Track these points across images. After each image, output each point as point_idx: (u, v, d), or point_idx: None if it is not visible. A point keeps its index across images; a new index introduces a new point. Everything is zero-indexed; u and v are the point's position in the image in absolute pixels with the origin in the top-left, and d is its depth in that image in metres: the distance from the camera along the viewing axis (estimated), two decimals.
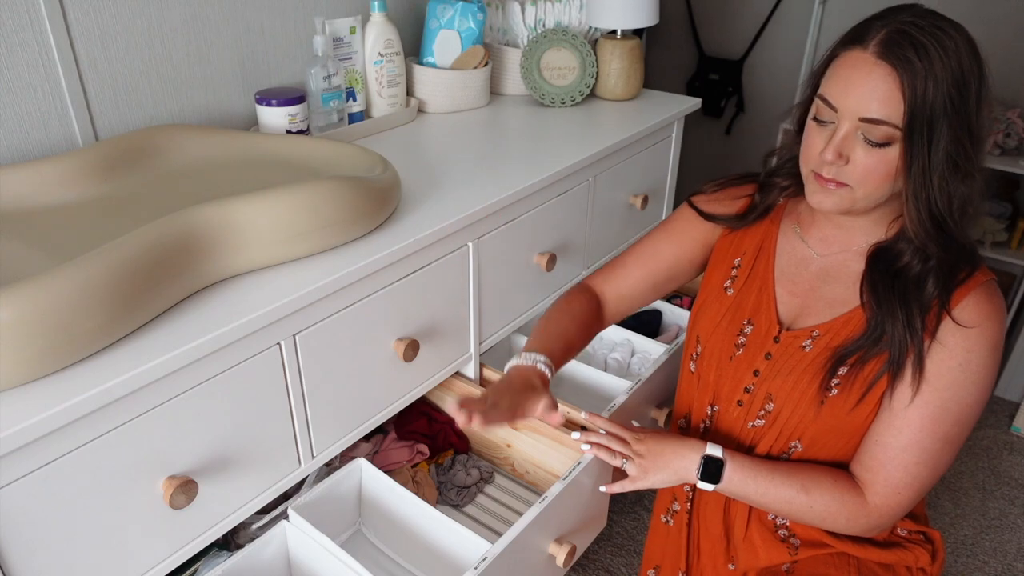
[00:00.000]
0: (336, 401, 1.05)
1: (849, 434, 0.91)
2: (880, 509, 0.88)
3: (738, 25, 3.10)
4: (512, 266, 1.33)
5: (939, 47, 0.76)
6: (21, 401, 0.72)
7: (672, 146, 1.75)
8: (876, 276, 0.88)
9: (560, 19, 1.72)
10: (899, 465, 0.86)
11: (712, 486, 0.92)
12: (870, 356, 0.87)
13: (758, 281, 0.99)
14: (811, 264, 0.96)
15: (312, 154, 1.15)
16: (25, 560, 0.76)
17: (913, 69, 0.76)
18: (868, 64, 0.79)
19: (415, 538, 1.13)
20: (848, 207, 0.86)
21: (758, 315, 0.97)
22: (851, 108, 0.80)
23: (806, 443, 0.94)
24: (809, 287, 0.95)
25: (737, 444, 1.00)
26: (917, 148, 0.78)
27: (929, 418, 0.84)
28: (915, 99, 0.76)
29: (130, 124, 1.24)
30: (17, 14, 1.06)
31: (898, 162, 0.80)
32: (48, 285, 0.72)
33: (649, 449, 0.94)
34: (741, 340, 0.98)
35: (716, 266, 1.05)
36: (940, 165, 0.78)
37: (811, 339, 0.92)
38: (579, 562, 1.77)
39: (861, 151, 0.81)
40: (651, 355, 1.55)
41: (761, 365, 0.95)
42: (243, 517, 0.98)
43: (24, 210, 0.97)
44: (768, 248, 1.00)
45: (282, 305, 0.89)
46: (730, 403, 0.99)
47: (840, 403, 0.89)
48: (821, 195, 0.86)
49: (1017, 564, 1.86)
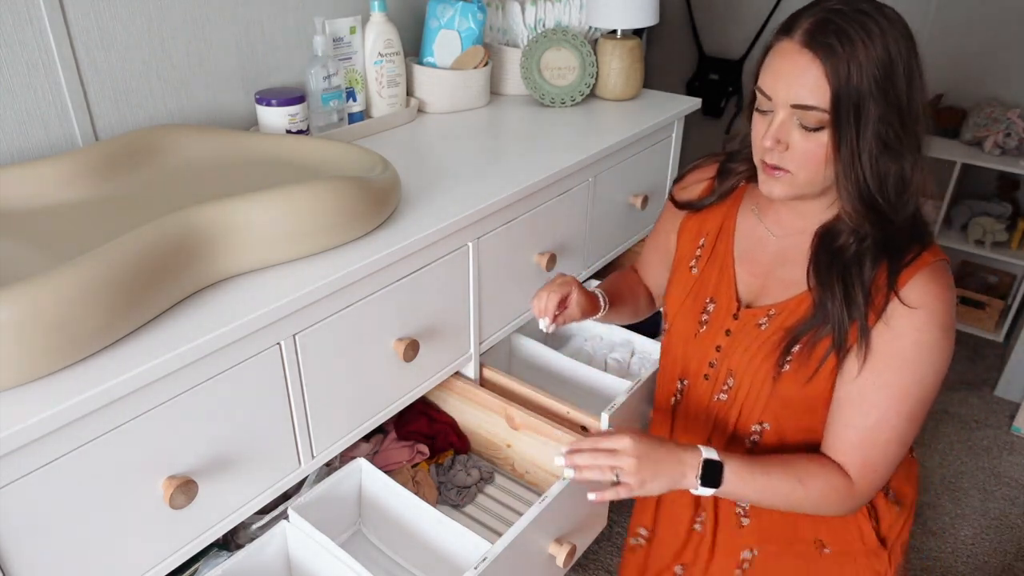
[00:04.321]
0: (336, 401, 1.05)
1: (810, 410, 0.94)
2: (860, 486, 0.91)
3: (738, 25, 3.10)
4: (512, 266, 1.33)
5: (862, 31, 0.79)
6: (21, 401, 0.72)
7: (672, 146, 1.75)
8: (819, 257, 0.91)
9: (560, 19, 1.72)
10: (871, 443, 0.89)
11: (711, 491, 0.89)
12: (821, 336, 0.89)
13: (719, 261, 1.03)
14: (768, 245, 0.99)
15: (312, 154, 1.15)
16: (25, 560, 0.76)
17: (835, 55, 0.79)
18: (794, 53, 0.82)
19: (415, 538, 1.13)
20: (796, 192, 0.89)
21: (719, 294, 1.01)
22: (783, 96, 0.84)
23: (772, 422, 0.97)
24: (767, 268, 0.98)
25: (706, 417, 1.03)
26: (844, 130, 0.81)
27: (895, 399, 0.87)
28: (839, 83, 0.79)
29: (130, 124, 1.24)
30: (17, 14, 1.06)
31: (829, 145, 0.83)
32: (48, 285, 0.72)
33: (642, 454, 0.89)
34: (704, 318, 1.02)
35: (683, 246, 1.09)
36: (868, 145, 0.81)
37: (767, 317, 0.95)
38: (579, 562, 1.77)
39: (798, 136, 0.84)
40: (651, 355, 1.55)
41: (722, 341, 0.99)
42: (243, 517, 0.98)
43: (24, 210, 0.97)
44: (728, 229, 1.03)
45: (282, 305, 0.89)
46: (698, 377, 1.03)
47: (792, 378, 0.92)
48: (769, 183, 0.90)
49: (1017, 564, 1.86)
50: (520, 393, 1.32)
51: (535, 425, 1.23)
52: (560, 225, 1.43)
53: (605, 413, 1.19)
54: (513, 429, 1.27)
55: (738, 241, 1.02)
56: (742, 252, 1.01)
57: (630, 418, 1.27)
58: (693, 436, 1.06)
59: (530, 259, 1.37)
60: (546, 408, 1.29)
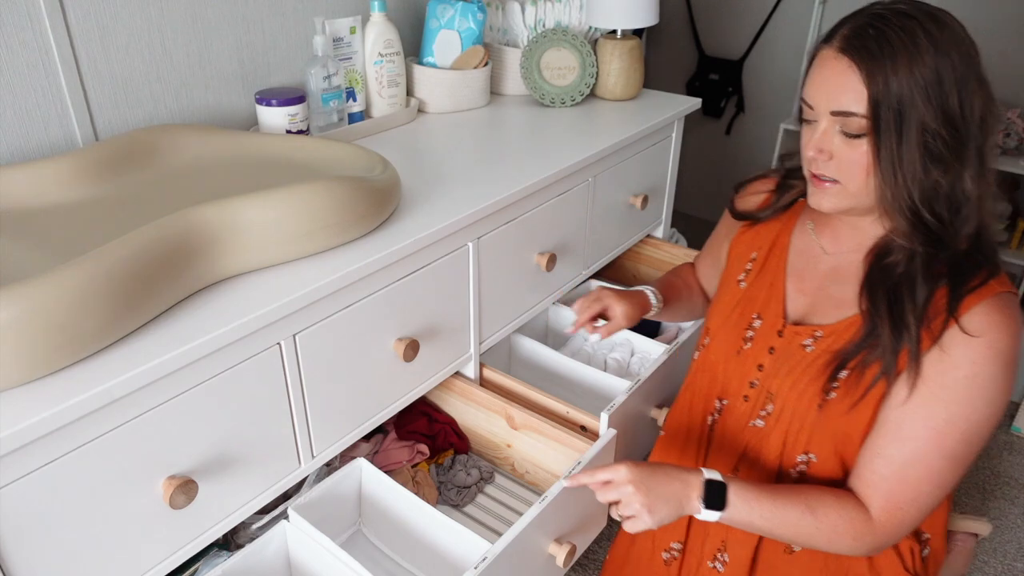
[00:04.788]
0: (336, 401, 1.05)
1: (859, 440, 0.88)
2: (884, 526, 0.84)
3: (738, 25, 3.10)
4: (512, 266, 1.33)
5: (904, 35, 0.76)
6: (21, 401, 0.72)
7: (672, 146, 1.75)
8: (871, 275, 0.87)
9: (560, 19, 1.72)
10: (902, 479, 0.82)
11: (717, 514, 0.85)
12: (870, 360, 0.84)
13: (769, 276, 0.99)
14: (821, 263, 0.95)
15: (312, 154, 1.15)
16: (25, 560, 0.76)
17: (873, 59, 0.77)
18: (832, 59, 0.81)
19: (415, 538, 1.13)
20: (846, 204, 0.85)
21: (767, 310, 0.97)
22: (823, 104, 0.82)
23: (819, 452, 0.91)
24: (818, 285, 0.94)
25: (736, 444, 0.99)
26: (884, 137, 0.78)
27: (935, 431, 0.80)
28: (876, 88, 0.77)
29: (130, 124, 1.24)
30: (17, 14, 1.06)
31: (870, 152, 0.80)
32: (48, 285, 0.71)
33: (638, 480, 0.85)
34: (749, 334, 0.97)
35: (734, 260, 1.05)
36: (911, 154, 0.78)
37: (813, 339, 0.91)
38: (579, 562, 1.77)
39: (841, 144, 0.82)
40: (651, 355, 1.55)
41: (765, 360, 0.95)
42: (243, 517, 0.98)
43: (24, 210, 0.97)
44: (782, 244, 1.00)
45: (282, 305, 0.89)
46: (737, 398, 0.98)
47: (838, 405, 0.87)
48: (818, 196, 0.87)
49: (1017, 564, 1.86)
50: (520, 393, 1.32)
51: (535, 425, 1.23)
52: (560, 225, 1.43)
53: (605, 413, 1.19)
54: (513, 429, 1.27)
55: (791, 257, 0.98)
56: (794, 268, 0.97)
57: (630, 418, 1.27)
58: (723, 459, 1.01)
59: (530, 259, 1.37)
60: (546, 408, 1.29)
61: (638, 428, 1.34)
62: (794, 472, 0.94)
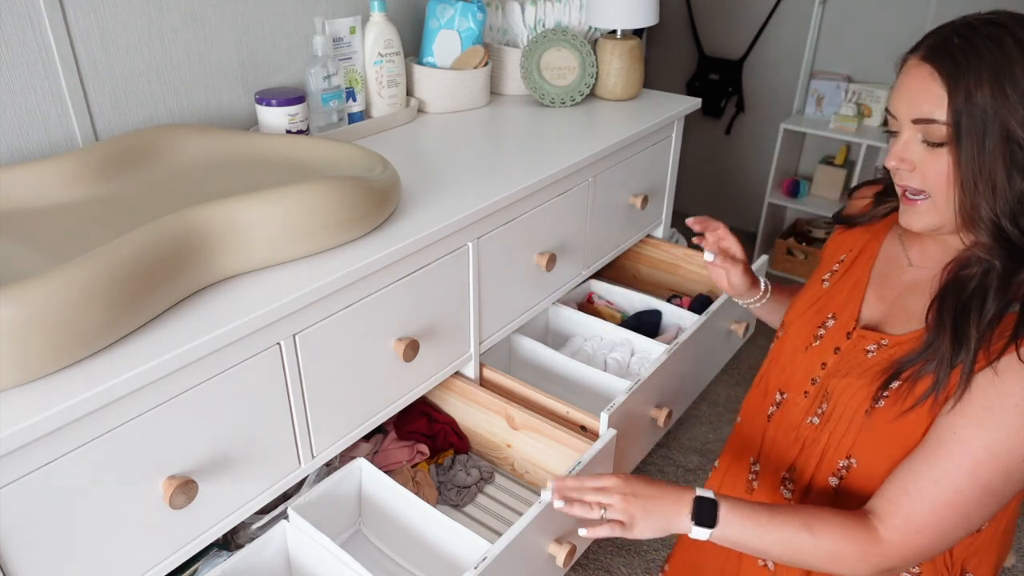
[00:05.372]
0: (336, 401, 1.05)
1: (902, 454, 0.85)
2: (895, 547, 0.80)
3: (738, 25, 3.10)
4: (512, 266, 1.33)
5: (990, 42, 0.75)
6: (21, 401, 0.72)
7: (672, 146, 1.75)
8: (945, 287, 0.85)
9: (560, 19, 1.72)
10: (925, 500, 0.78)
11: (707, 532, 0.83)
12: (924, 372, 0.81)
13: (853, 279, 0.99)
14: (904, 274, 0.94)
15: (312, 154, 1.15)
16: (25, 560, 0.76)
17: (956, 65, 0.75)
18: (915, 67, 0.79)
19: (415, 538, 1.13)
20: (936, 223, 0.83)
21: (843, 311, 0.96)
22: (904, 112, 0.80)
23: (860, 459, 0.89)
24: (897, 294, 0.93)
25: (795, 437, 0.98)
26: (965, 144, 0.76)
27: (971, 456, 0.76)
28: (958, 94, 0.75)
29: (130, 124, 1.24)
30: (17, 14, 1.06)
31: (951, 161, 0.78)
32: (48, 285, 0.72)
33: (630, 492, 0.85)
34: (821, 332, 0.97)
35: (825, 260, 1.05)
36: (995, 164, 0.76)
37: (878, 346, 0.90)
38: (579, 562, 1.77)
39: (923, 153, 0.80)
40: (651, 355, 1.55)
41: (829, 359, 0.94)
42: (243, 517, 0.98)
43: (24, 210, 0.97)
44: (871, 251, 0.99)
45: (282, 305, 0.89)
46: (798, 392, 0.98)
47: (885, 414, 0.85)
48: (908, 215, 0.85)
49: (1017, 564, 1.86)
50: (520, 393, 1.32)
51: (535, 425, 1.23)
52: (560, 225, 1.43)
53: (605, 413, 1.19)
54: (513, 429, 1.27)
55: (878, 264, 0.97)
56: (878, 275, 0.96)
57: (630, 418, 1.27)
58: (779, 454, 1.00)
59: (530, 259, 1.37)
60: (546, 408, 1.29)
61: (638, 428, 1.34)
62: (832, 479, 0.93)
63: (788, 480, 0.98)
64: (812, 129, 2.85)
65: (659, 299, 1.70)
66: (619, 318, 1.72)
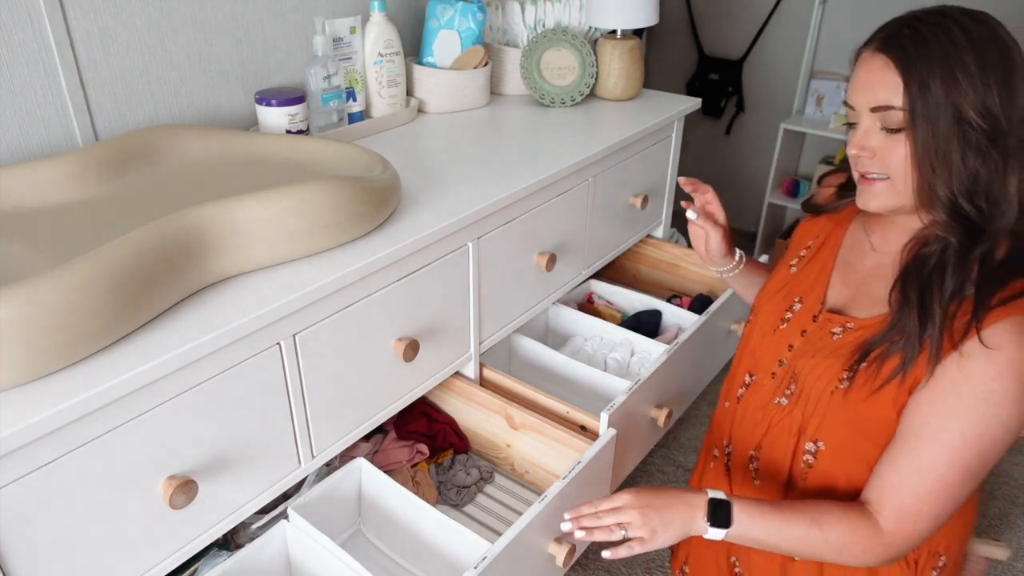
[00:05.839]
0: (336, 401, 1.05)
1: (868, 435, 0.89)
2: (895, 536, 0.84)
3: (738, 25, 3.09)
4: (512, 266, 1.33)
5: (939, 31, 0.79)
6: (21, 401, 0.72)
7: (672, 146, 1.75)
8: (907, 266, 0.88)
9: (560, 19, 1.72)
10: (912, 491, 0.82)
11: (723, 532, 0.86)
12: (892, 351, 0.85)
13: (819, 264, 1.02)
14: (867, 259, 0.97)
15: (312, 154, 1.15)
16: (25, 560, 0.76)
17: (907, 53, 0.79)
18: (869, 58, 0.83)
19: (415, 538, 1.13)
20: (894, 204, 0.86)
21: (809, 295, 1.00)
22: (862, 102, 0.84)
23: (828, 442, 0.92)
24: (861, 280, 0.96)
25: (762, 417, 1.00)
26: (920, 126, 0.79)
27: (948, 445, 0.80)
28: (912, 80, 0.79)
29: (130, 124, 1.24)
30: (17, 14, 1.06)
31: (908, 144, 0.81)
32: (48, 285, 0.72)
33: (644, 505, 0.87)
34: (788, 315, 1.01)
35: (793, 246, 1.09)
36: (949, 144, 0.79)
37: (843, 328, 0.93)
38: (579, 562, 1.77)
39: (882, 139, 0.83)
40: (651, 355, 1.55)
41: (796, 341, 0.97)
42: (243, 517, 0.98)
43: (24, 210, 0.97)
44: (836, 237, 1.03)
45: (282, 305, 0.89)
46: (766, 374, 1.01)
47: (856, 394, 0.88)
48: (865, 195, 0.88)
49: (1017, 564, 1.86)
50: (520, 393, 1.32)
51: (535, 425, 1.23)
52: (560, 225, 1.43)
53: (605, 413, 1.19)
54: (513, 429, 1.27)
55: (842, 250, 1.01)
56: (842, 261, 1.00)
57: (630, 418, 1.27)
58: (746, 435, 1.03)
59: (530, 259, 1.37)
60: (546, 408, 1.29)
61: (638, 428, 1.34)
62: (801, 463, 0.95)
63: (755, 459, 1.02)
64: (812, 129, 2.85)
65: (659, 299, 1.70)
66: (619, 318, 1.72)
